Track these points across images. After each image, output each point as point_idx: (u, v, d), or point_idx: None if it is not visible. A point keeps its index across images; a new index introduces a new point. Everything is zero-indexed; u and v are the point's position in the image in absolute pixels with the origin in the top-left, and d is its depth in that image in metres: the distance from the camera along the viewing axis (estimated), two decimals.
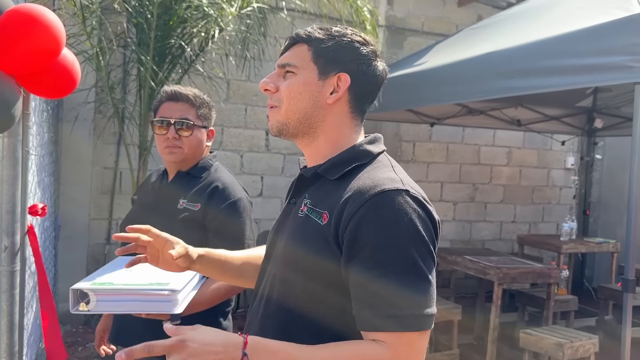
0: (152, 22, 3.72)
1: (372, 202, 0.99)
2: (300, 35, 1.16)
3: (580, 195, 7.11)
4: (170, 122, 1.85)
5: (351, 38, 1.16)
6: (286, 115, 1.14)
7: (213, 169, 1.93)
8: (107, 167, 4.95)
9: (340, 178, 1.09)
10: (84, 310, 1.45)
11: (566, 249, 5.22)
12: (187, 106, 1.88)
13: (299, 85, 1.13)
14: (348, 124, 1.17)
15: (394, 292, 0.96)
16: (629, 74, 2.72)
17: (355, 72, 1.14)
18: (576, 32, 3.05)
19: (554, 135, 6.76)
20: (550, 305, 4.24)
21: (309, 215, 1.09)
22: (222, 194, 1.83)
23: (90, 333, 4.55)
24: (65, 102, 4.61)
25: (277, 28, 5.22)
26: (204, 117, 1.91)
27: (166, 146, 1.86)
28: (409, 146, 6.16)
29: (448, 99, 4.08)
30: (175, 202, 1.85)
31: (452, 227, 6.46)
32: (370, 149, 1.14)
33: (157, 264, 1.30)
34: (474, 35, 4.58)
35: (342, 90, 1.13)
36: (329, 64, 1.13)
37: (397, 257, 0.97)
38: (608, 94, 5.62)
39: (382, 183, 1.02)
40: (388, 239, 0.98)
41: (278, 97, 1.16)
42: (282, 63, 1.17)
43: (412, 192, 1.03)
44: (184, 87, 1.93)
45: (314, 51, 1.14)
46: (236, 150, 5.40)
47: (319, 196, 1.11)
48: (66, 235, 4.69)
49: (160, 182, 1.97)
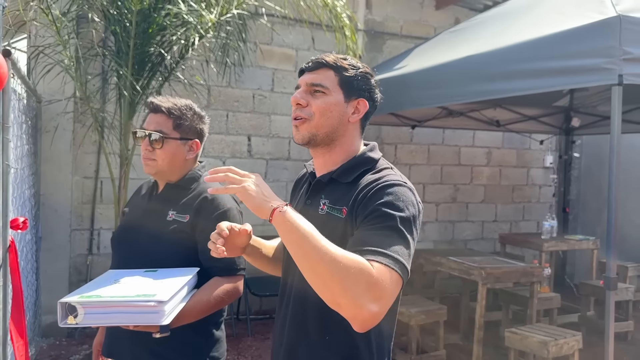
0: (131, 30, 3.70)
1: (378, 188, 1.27)
2: (328, 62, 1.39)
3: (560, 193, 7.22)
4: (145, 133, 1.84)
5: (365, 70, 1.43)
6: (317, 127, 1.38)
7: (202, 180, 1.90)
8: (88, 176, 4.89)
9: (352, 181, 1.36)
10: (73, 324, 1.43)
11: (547, 247, 5.30)
12: (164, 118, 1.85)
13: (331, 104, 1.37)
14: (357, 137, 1.45)
15: (384, 240, 1.19)
16: (605, 76, 2.78)
17: (369, 98, 1.43)
18: (553, 35, 3.10)
19: (533, 134, 6.86)
20: (533, 304, 4.30)
21: (330, 213, 1.35)
22: (211, 205, 1.81)
23: (73, 345, 4.49)
24: (44, 113, 4.55)
25: (257, 34, 5.23)
26: (183, 130, 1.87)
27: (143, 157, 1.86)
28: (391, 149, 6.20)
29: (429, 102, 4.12)
30: (164, 214, 1.83)
31: (435, 228, 6.52)
32: (373, 156, 1.43)
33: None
34: (452, 38, 4.63)
35: (361, 112, 1.42)
36: (352, 90, 1.39)
37: (392, 223, 1.22)
38: (584, 93, 5.72)
39: (387, 178, 1.31)
40: (387, 211, 1.23)
41: (309, 111, 1.38)
42: (314, 82, 1.39)
43: (409, 184, 1.32)
44: (170, 99, 1.90)
45: (340, 78, 1.39)
46: (218, 156, 5.38)
47: (335, 196, 1.36)
48: (47, 246, 4.62)
49: (150, 194, 1.96)
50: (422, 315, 4.06)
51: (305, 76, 1.41)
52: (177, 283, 1.59)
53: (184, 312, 1.61)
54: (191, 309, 1.66)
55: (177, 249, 1.79)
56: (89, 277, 4.74)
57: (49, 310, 4.54)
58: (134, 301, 1.44)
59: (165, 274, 1.68)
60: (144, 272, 1.71)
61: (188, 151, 1.91)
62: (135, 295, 1.46)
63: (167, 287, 1.54)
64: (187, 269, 1.74)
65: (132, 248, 1.85)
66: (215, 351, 1.84)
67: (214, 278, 1.78)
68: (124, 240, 1.91)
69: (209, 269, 1.78)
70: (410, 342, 4.06)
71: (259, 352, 4.47)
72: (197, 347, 1.80)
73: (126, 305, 1.44)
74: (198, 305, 1.69)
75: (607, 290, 2.82)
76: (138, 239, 1.85)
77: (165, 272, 1.70)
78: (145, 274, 1.69)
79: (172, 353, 1.74)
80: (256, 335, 4.88)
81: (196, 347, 1.79)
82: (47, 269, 4.61)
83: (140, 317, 1.44)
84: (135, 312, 1.44)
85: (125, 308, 1.45)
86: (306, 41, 5.70)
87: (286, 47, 5.61)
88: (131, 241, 1.87)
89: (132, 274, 1.69)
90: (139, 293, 1.48)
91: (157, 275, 1.67)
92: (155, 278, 1.63)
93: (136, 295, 1.46)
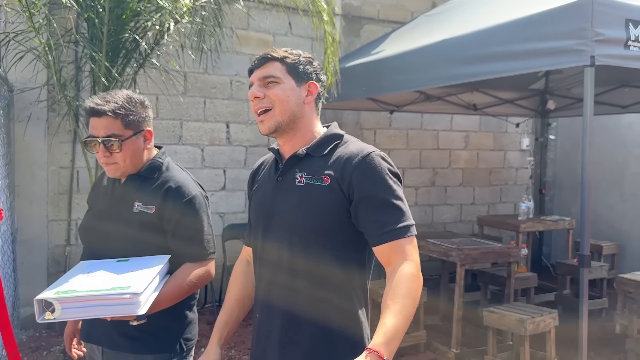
0: (104, 17, 3.63)
1: (361, 163, 1.44)
2: (273, 56, 1.52)
3: (536, 175, 7.33)
4: (98, 141, 1.78)
5: (307, 56, 1.58)
6: (281, 114, 1.50)
7: (164, 167, 1.88)
8: (64, 166, 4.83)
9: (326, 154, 1.51)
10: (50, 319, 1.47)
11: (524, 228, 5.39)
12: (110, 120, 1.76)
13: (286, 90, 1.51)
14: (315, 117, 1.59)
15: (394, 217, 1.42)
16: (578, 58, 2.82)
17: (316, 80, 1.57)
18: (526, 17, 3.13)
19: (509, 118, 6.94)
20: (511, 283, 4.38)
21: (309, 183, 1.47)
22: (176, 194, 1.80)
23: (53, 337, 4.46)
24: (16, 102, 4.46)
25: (232, 19, 5.17)
26: (133, 124, 1.81)
27: (103, 163, 1.82)
28: (370, 134, 6.22)
29: (406, 86, 4.13)
30: (130, 206, 1.82)
31: (415, 212, 6.54)
32: (339, 132, 1.58)
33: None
34: (429, 22, 4.65)
35: (314, 94, 1.56)
36: (301, 75, 1.54)
37: (387, 193, 1.43)
38: (559, 75, 5.80)
39: (362, 150, 1.48)
40: (378, 183, 1.43)
41: (270, 100, 1.50)
42: (265, 75, 1.51)
43: (379, 152, 1.49)
44: (106, 97, 1.81)
45: (287, 66, 1.52)
46: (196, 144, 5.34)
47: (312, 169, 1.49)
48: (24, 238, 4.56)
49: (113, 183, 1.92)
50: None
51: (255, 73, 1.54)
52: (149, 273, 1.62)
53: (159, 300, 1.65)
54: (166, 295, 1.70)
55: (146, 239, 1.80)
56: (68, 267, 4.69)
57: (28, 303, 4.50)
58: (109, 295, 1.48)
59: (138, 263, 1.71)
60: (116, 262, 1.73)
61: (144, 142, 1.87)
62: (111, 289, 1.50)
63: (140, 278, 1.57)
64: (158, 257, 1.76)
65: (101, 239, 1.86)
66: (189, 332, 1.90)
67: (186, 264, 1.81)
68: (92, 229, 1.91)
69: (179, 255, 1.81)
70: None
71: (242, 338, 4.49)
72: (171, 330, 1.84)
73: (102, 298, 1.49)
74: (172, 291, 1.73)
75: (581, 267, 2.89)
76: (106, 230, 1.85)
77: (137, 261, 1.73)
78: (117, 263, 1.72)
79: (148, 336, 1.78)
80: None
81: (171, 330, 1.84)
82: (25, 260, 4.56)
83: (116, 308, 1.50)
84: (112, 305, 1.49)
85: (101, 301, 1.49)
86: (283, 26, 5.67)
87: (263, 32, 5.57)
88: (100, 231, 1.87)
89: (105, 264, 1.72)
90: (114, 286, 1.52)
91: (129, 264, 1.70)
92: (127, 268, 1.67)
93: (111, 289, 1.50)
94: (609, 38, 2.79)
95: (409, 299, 1.32)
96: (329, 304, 1.45)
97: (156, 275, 1.64)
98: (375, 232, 1.41)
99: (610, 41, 2.79)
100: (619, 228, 6.38)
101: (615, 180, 6.47)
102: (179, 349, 1.84)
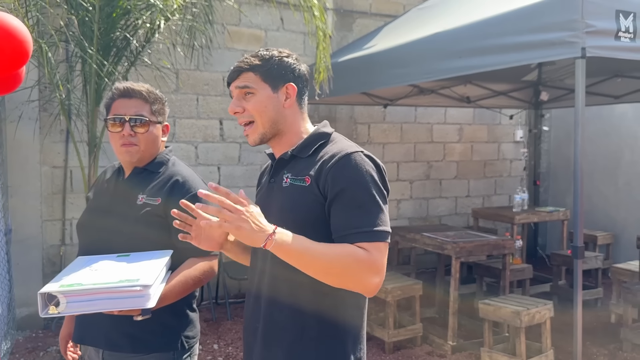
0: (95, 15, 3.61)
1: (340, 162, 1.41)
2: (244, 67, 1.50)
3: (530, 166, 7.35)
4: (124, 119, 1.81)
5: (280, 56, 1.53)
6: (263, 125, 1.50)
7: (170, 163, 1.91)
8: (57, 166, 4.81)
9: (311, 154, 1.49)
10: (54, 314, 1.42)
11: (519, 219, 5.41)
12: (140, 102, 1.85)
13: (263, 101, 1.49)
14: (300, 117, 1.57)
15: (363, 218, 1.36)
16: (569, 49, 2.82)
17: (294, 78, 1.54)
18: (518, 9, 3.13)
19: (503, 110, 6.95)
20: (506, 275, 4.40)
21: (293, 184, 1.47)
22: (182, 187, 1.82)
23: (50, 337, 4.45)
24: (7, 102, 4.43)
25: (224, 15, 5.15)
26: (158, 113, 1.89)
27: (122, 144, 1.82)
28: (364, 128, 6.22)
29: (399, 80, 4.13)
30: (134, 199, 1.82)
31: (410, 205, 6.59)
32: (326, 131, 1.56)
33: (199, 243, 1.51)
34: (421, 15, 4.64)
35: (293, 96, 1.53)
36: (276, 80, 1.51)
37: (363, 195, 1.38)
38: (552, 67, 5.80)
39: (345, 149, 1.44)
40: (355, 184, 1.38)
41: (249, 114, 1.50)
42: (240, 86, 1.50)
43: (365, 152, 1.46)
44: (136, 83, 1.89)
45: (260, 74, 1.50)
46: (190, 141, 5.33)
47: (297, 170, 1.49)
48: (19, 238, 4.54)
49: (116, 179, 1.93)
50: (398, 291, 4.13)
51: (232, 85, 1.54)
52: (157, 265, 1.59)
53: (164, 294, 1.63)
54: (171, 290, 1.68)
55: (148, 231, 1.78)
56: (63, 267, 4.67)
57: (24, 303, 4.49)
58: (118, 287, 1.44)
59: (139, 257, 1.67)
60: (117, 257, 1.69)
61: (162, 135, 1.93)
62: (119, 281, 1.46)
63: (148, 270, 1.53)
64: (160, 251, 1.73)
65: (100, 233, 1.84)
66: (190, 331, 1.87)
67: (190, 259, 1.79)
68: (91, 225, 1.89)
69: (183, 250, 1.78)
70: (388, 317, 4.13)
71: (239, 335, 4.49)
72: (172, 328, 1.82)
73: (111, 291, 1.44)
74: (177, 286, 1.71)
75: (575, 258, 2.90)
76: (107, 223, 1.83)
77: (139, 256, 1.69)
78: (118, 258, 1.67)
79: (148, 335, 1.75)
80: (235, 319, 4.90)
81: (172, 328, 1.82)
82: (20, 261, 4.54)
83: (125, 302, 1.45)
84: (121, 298, 1.44)
85: (109, 294, 1.44)
86: (275, 22, 5.65)
87: (255, 27, 5.55)
88: (100, 227, 1.85)
89: (105, 259, 1.67)
90: (122, 278, 1.47)
91: (130, 259, 1.66)
92: (129, 262, 1.62)
93: (119, 281, 1.46)
94: (600, 29, 2.79)
95: (343, 260, 1.31)
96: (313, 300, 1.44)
97: (163, 268, 1.61)
98: (338, 231, 1.37)
99: (600, 32, 2.80)
100: (614, 217, 6.41)
101: (610, 170, 6.49)
102: (181, 347, 1.82)
